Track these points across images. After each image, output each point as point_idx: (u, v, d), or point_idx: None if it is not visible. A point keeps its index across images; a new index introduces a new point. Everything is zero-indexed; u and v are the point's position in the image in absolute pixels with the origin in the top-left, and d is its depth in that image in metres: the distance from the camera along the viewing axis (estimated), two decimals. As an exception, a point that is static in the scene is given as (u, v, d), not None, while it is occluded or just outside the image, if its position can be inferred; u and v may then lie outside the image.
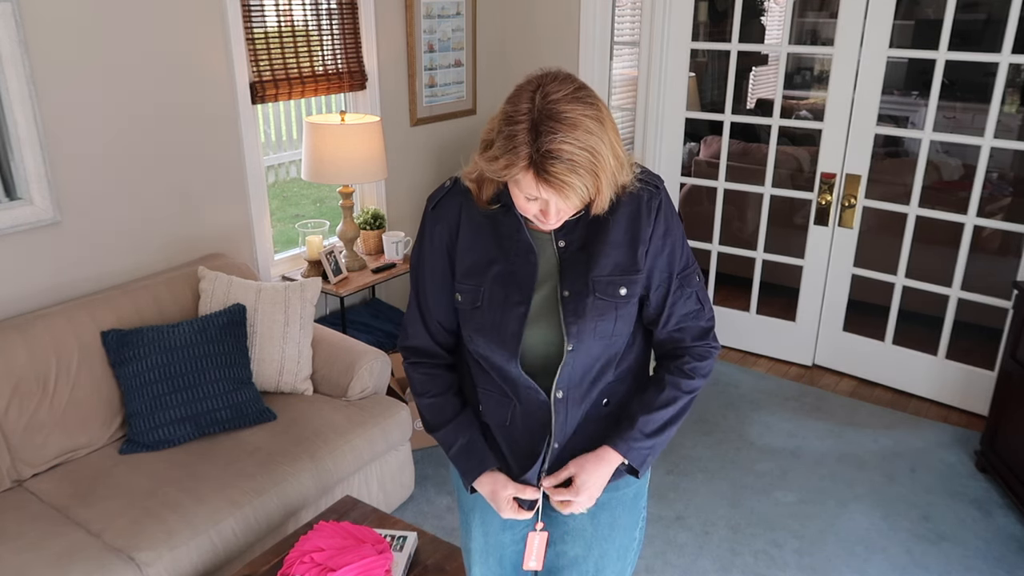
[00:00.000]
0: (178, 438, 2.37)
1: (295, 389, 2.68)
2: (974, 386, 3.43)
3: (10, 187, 2.39)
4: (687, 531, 2.70)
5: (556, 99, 1.17)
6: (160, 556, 1.97)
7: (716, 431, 3.31)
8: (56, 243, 2.52)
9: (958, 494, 2.92)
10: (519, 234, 1.34)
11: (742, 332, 4.02)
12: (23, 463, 2.23)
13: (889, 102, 6.33)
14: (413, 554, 1.88)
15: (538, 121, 1.16)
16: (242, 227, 3.10)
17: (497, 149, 1.20)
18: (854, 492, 2.92)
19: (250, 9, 2.93)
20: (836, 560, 2.58)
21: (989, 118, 3.12)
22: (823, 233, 3.64)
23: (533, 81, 1.22)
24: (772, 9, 7.24)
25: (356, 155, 3.06)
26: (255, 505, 2.18)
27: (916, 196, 3.40)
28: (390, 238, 3.45)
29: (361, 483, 2.57)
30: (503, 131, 1.20)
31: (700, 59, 6.63)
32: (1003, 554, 2.61)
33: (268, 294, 2.67)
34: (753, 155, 4.30)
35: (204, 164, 2.90)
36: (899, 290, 3.55)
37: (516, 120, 1.18)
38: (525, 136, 1.17)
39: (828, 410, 3.49)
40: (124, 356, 2.39)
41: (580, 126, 1.16)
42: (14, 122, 2.33)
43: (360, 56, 3.43)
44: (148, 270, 2.79)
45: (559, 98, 1.17)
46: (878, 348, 3.66)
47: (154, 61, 2.67)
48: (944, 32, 3.12)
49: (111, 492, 2.16)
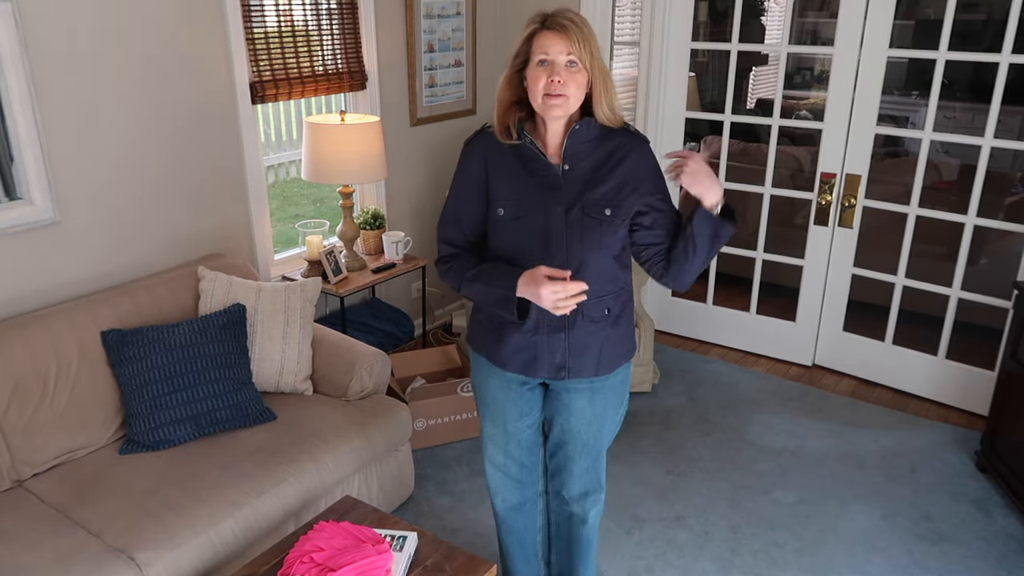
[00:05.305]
0: (178, 438, 2.37)
1: (295, 389, 2.68)
2: (974, 386, 3.43)
3: (10, 187, 2.39)
4: (687, 531, 2.70)
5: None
6: (160, 556, 1.97)
7: (716, 431, 3.31)
8: (56, 243, 2.52)
9: (958, 494, 2.91)
10: (540, 157, 1.76)
11: (742, 332, 4.02)
12: (23, 463, 2.23)
13: (889, 102, 6.32)
14: (413, 554, 1.88)
15: (548, 13, 1.69)
16: (242, 227, 3.09)
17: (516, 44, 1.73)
18: (854, 492, 2.92)
19: (250, 9, 2.93)
20: (836, 560, 2.58)
21: (989, 118, 3.12)
22: (823, 233, 3.64)
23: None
24: (772, 9, 7.24)
25: (356, 155, 3.06)
26: (255, 505, 2.17)
27: (916, 196, 3.40)
28: (390, 238, 3.45)
29: (361, 483, 2.57)
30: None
31: (700, 59, 6.63)
32: (1003, 554, 2.61)
33: (268, 294, 2.67)
34: (753, 155, 4.30)
35: (204, 164, 2.90)
36: (899, 290, 3.55)
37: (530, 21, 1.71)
38: (539, 16, 1.69)
39: (828, 410, 3.48)
40: (124, 356, 2.39)
41: (581, 19, 1.69)
42: (14, 122, 2.33)
43: (360, 56, 3.43)
44: (148, 270, 2.79)
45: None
46: (878, 348, 3.66)
47: (154, 61, 2.67)
48: (944, 32, 3.12)
49: (111, 492, 2.16)
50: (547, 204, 1.75)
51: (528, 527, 2.21)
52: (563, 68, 1.66)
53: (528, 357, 1.85)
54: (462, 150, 1.87)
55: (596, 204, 1.75)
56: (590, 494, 2.06)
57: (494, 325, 1.88)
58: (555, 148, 1.78)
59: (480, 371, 2.00)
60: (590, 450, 1.99)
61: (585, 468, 2.02)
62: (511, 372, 1.90)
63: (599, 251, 1.77)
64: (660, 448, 3.18)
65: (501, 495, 2.14)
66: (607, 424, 1.98)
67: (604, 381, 1.91)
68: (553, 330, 1.82)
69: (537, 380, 1.94)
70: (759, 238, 3.83)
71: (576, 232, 1.75)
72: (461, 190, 1.86)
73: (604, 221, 1.75)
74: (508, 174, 1.79)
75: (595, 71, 1.70)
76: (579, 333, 1.83)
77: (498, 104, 1.79)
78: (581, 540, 2.15)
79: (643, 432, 3.29)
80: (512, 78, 1.76)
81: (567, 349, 1.83)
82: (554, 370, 1.86)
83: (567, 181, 1.76)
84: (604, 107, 1.74)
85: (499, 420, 2.01)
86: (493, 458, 2.09)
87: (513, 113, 1.78)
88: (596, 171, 1.77)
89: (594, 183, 1.76)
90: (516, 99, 1.78)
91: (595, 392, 1.91)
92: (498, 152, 1.80)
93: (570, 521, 2.13)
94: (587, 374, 1.87)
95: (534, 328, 1.82)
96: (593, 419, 1.95)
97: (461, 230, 1.87)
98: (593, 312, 1.82)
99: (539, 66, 1.68)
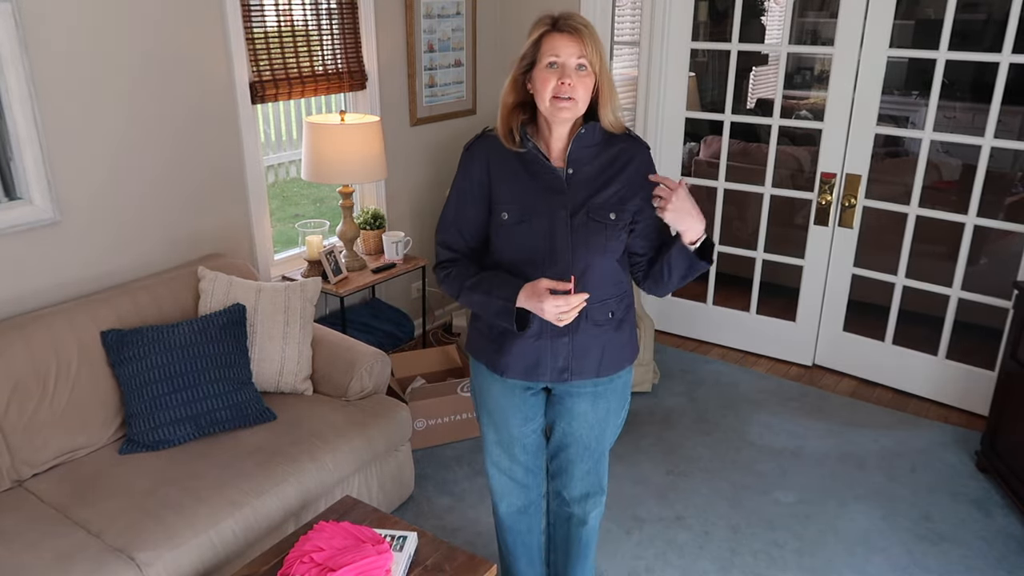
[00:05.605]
0: (178, 438, 2.37)
1: (295, 389, 2.68)
2: (974, 386, 3.43)
3: (10, 187, 2.39)
4: (687, 531, 2.70)
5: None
6: (160, 556, 1.97)
7: (716, 431, 3.31)
8: (56, 243, 2.52)
9: (958, 494, 2.91)
10: (544, 161, 1.75)
11: (742, 332, 4.01)
12: (23, 463, 2.23)
13: (889, 102, 6.33)
14: (413, 554, 1.88)
15: (556, 15, 1.69)
16: (242, 227, 3.09)
17: (524, 46, 1.71)
18: (854, 492, 2.92)
19: (250, 9, 2.93)
20: (836, 560, 2.58)
21: (989, 118, 3.12)
22: (823, 233, 3.64)
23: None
24: (772, 9, 7.24)
25: (356, 155, 3.06)
26: (255, 505, 2.17)
27: (916, 196, 3.40)
28: (390, 238, 3.45)
29: (361, 483, 2.57)
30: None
31: (700, 59, 6.63)
32: (1003, 554, 2.61)
33: (268, 294, 2.67)
34: (753, 155, 4.30)
35: (204, 164, 2.90)
36: (899, 290, 3.55)
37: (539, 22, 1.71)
38: (548, 18, 1.69)
39: (828, 410, 3.48)
40: (124, 356, 2.39)
41: (590, 23, 1.69)
42: (14, 122, 2.33)
43: (360, 56, 3.43)
44: (148, 270, 2.79)
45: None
46: (878, 348, 3.66)
47: (154, 61, 2.67)
48: (944, 32, 3.12)
49: (111, 492, 2.16)
50: (551, 208, 1.75)
51: (532, 530, 2.21)
52: (573, 71, 1.66)
53: (531, 362, 1.85)
54: (463, 154, 1.86)
55: (601, 208, 1.75)
56: (591, 496, 2.06)
57: (495, 333, 1.87)
58: (559, 152, 1.77)
59: (481, 378, 1.98)
60: (592, 452, 1.99)
61: (587, 470, 2.02)
62: (513, 378, 1.89)
63: (603, 255, 1.77)
64: (660, 448, 3.18)
65: (506, 500, 2.12)
66: (609, 427, 1.98)
67: (607, 384, 1.91)
68: (557, 335, 1.82)
69: (540, 385, 1.93)
70: (759, 238, 3.83)
71: (581, 236, 1.75)
72: (462, 194, 1.84)
73: (609, 225, 1.76)
74: (511, 178, 1.78)
75: (603, 75, 1.70)
76: (583, 336, 1.83)
77: (502, 107, 1.78)
78: (580, 541, 2.14)
79: (643, 432, 3.29)
80: (517, 80, 1.75)
81: (570, 352, 1.83)
82: (557, 373, 1.85)
83: (571, 185, 1.76)
84: (610, 113, 1.74)
85: (503, 426, 1.99)
86: (498, 463, 2.07)
87: (517, 116, 1.77)
88: (599, 175, 1.77)
89: (598, 187, 1.76)
90: (520, 101, 1.77)
91: (598, 396, 1.91)
92: (500, 156, 1.79)
93: (569, 522, 2.12)
94: (589, 375, 1.86)
95: (537, 333, 1.82)
96: (595, 422, 1.94)
97: (461, 235, 1.86)
98: (597, 316, 1.82)
99: (548, 68, 1.67)
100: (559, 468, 2.05)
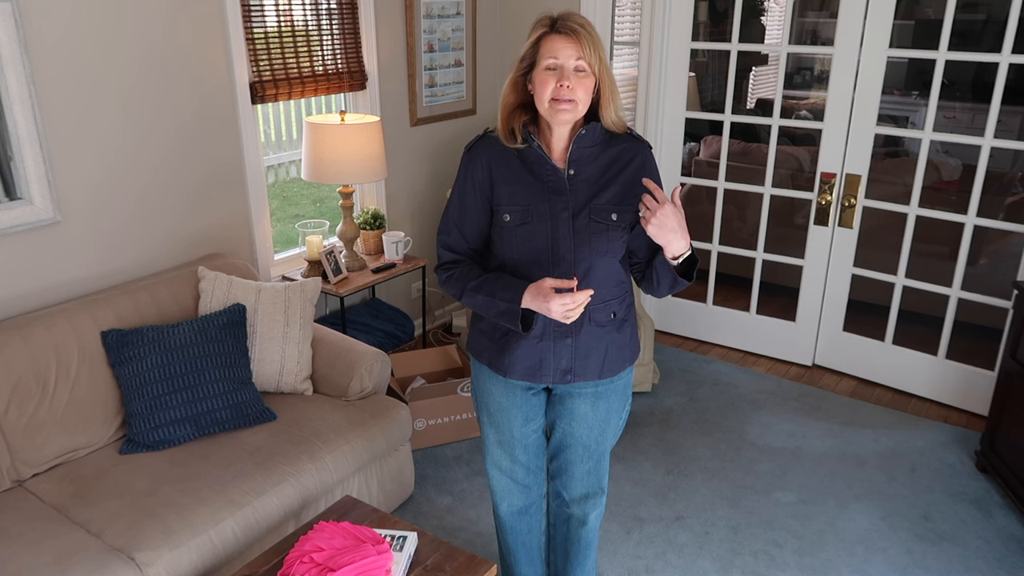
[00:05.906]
0: (178, 438, 2.37)
1: (295, 389, 2.68)
2: (974, 386, 3.43)
3: (10, 187, 2.39)
4: (687, 531, 2.70)
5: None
6: (160, 556, 1.97)
7: (716, 431, 3.31)
8: (56, 243, 2.52)
9: (958, 494, 2.91)
10: (546, 161, 1.75)
11: (742, 332, 4.02)
12: (23, 463, 2.23)
13: (889, 102, 6.33)
14: (413, 554, 1.88)
15: (555, 16, 1.68)
16: (242, 227, 3.09)
17: (524, 47, 1.71)
18: (854, 492, 2.92)
19: (250, 9, 2.93)
20: (836, 560, 2.58)
21: (989, 118, 3.12)
22: (823, 233, 3.64)
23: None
24: (772, 9, 7.24)
25: (356, 155, 3.06)
26: (255, 505, 2.18)
27: (916, 196, 3.40)
28: (390, 238, 3.45)
29: (361, 483, 2.57)
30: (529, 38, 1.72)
31: (700, 59, 6.63)
32: (1003, 554, 2.61)
33: (268, 294, 2.67)
34: (753, 155, 4.30)
35: (204, 164, 2.90)
36: (899, 290, 3.55)
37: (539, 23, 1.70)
38: (547, 20, 1.68)
39: (828, 410, 3.49)
40: (124, 356, 2.39)
41: (589, 23, 1.68)
42: (14, 122, 2.33)
43: (360, 56, 3.43)
44: (148, 270, 2.79)
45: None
46: (878, 348, 3.66)
47: (154, 61, 2.67)
48: (944, 32, 3.12)
49: (111, 492, 2.16)
50: (554, 209, 1.75)
51: (533, 530, 2.21)
52: (572, 73, 1.65)
53: (534, 363, 1.85)
54: (464, 155, 1.85)
55: (603, 209, 1.75)
56: (591, 496, 2.06)
57: (497, 334, 1.87)
58: (560, 152, 1.77)
59: (482, 379, 1.98)
60: (592, 453, 1.99)
61: (587, 471, 2.02)
62: (515, 379, 1.89)
63: (606, 255, 1.78)
64: (660, 448, 3.18)
65: (507, 500, 2.12)
66: (610, 428, 1.98)
67: (608, 385, 1.91)
68: (560, 336, 1.82)
69: (541, 385, 1.93)
70: (759, 238, 3.83)
71: (584, 237, 1.74)
72: (463, 196, 1.84)
73: (611, 226, 1.76)
74: (513, 179, 1.78)
75: (603, 76, 1.69)
76: (585, 337, 1.82)
77: (503, 107, 1.77)
78: (580, 542, 2.14)
79: (643, 432, 3.29)
80: (517, 81, 1.75)
81: (573, 353, 1.83)
82: (560, 374, 1.85)
83: (573, 186, 1.75)
84: (612, 112, 1.73)
85: (504, 427, 2.00)
86: (498, 463, 2.07)
87: (518, 117, 1.77)
88: (601, 176, 1.77)
89: (600, 188, 1.76)
90: (521, 102, 1.77)
91: (599, 397, 1.91)
92: (502, 157, 1.79)
93: (569, 523, 2.12)
94: (591, 376, 1.86)
95: (540, 335, 1.82)
96: (596, 423, 1.94)
97: (463, 236, 1.86)
98: (599, 316, 1.82)
99: (547, 70, 1.66)
100: (559, 468, 2.05)
